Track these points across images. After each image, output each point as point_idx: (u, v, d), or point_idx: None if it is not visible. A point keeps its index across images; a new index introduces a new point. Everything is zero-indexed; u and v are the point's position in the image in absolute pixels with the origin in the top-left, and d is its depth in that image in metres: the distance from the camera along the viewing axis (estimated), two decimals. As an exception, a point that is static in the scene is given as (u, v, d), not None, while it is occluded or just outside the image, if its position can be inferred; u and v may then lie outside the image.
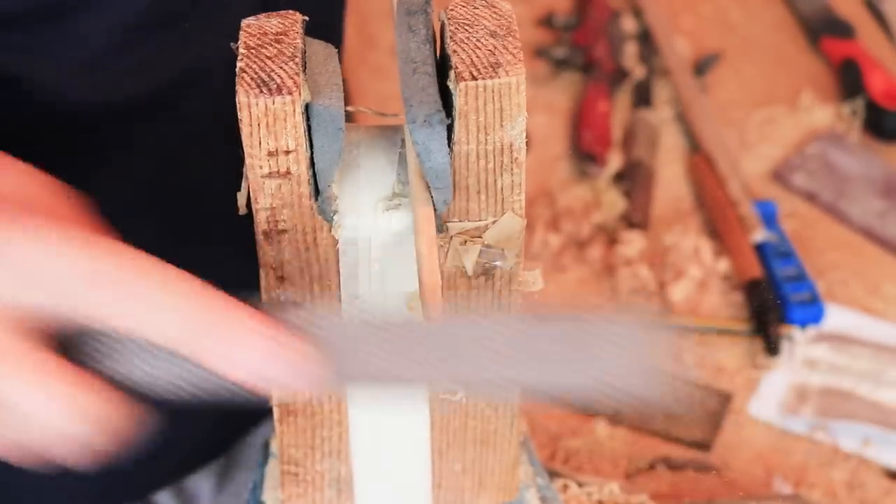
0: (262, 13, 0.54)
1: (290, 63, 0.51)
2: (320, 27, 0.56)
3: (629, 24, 1.25)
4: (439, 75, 0.52)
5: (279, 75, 0.51)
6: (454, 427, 0.63)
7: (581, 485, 0.84)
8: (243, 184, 0.53)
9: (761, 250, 1.04)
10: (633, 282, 1.02)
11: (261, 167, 0.52)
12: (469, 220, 0.54)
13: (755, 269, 1.02)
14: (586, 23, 1.24)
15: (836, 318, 1.00)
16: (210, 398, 0.50)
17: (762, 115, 1.18)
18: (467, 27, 0.52)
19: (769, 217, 1.06)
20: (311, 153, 0.52)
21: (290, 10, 0.54)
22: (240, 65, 0.51)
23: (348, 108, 0.53)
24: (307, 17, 0.54)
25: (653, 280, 1.02)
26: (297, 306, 0.49)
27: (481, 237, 0.55)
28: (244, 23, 0.53)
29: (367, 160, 0.55)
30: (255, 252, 0.56)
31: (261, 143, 0.51)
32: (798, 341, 0.98)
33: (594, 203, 1.09)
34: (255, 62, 0.51)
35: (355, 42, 1.22)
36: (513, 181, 0.53)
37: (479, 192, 0.53)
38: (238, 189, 0.54)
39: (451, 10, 0.53)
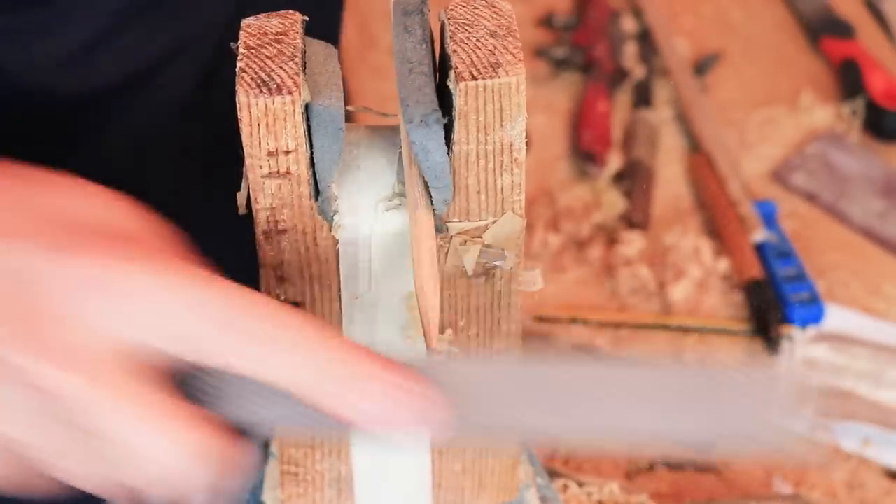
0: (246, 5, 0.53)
1: (290, 63, 0.51)
2: (316, 26, 0.56)
3: (629, 24, 1.25)
4: (439, 75, 0.52)
5: (279, 75, 0.51)
6: (454, 427, 0.63)
7: (581, 485, 0.84)
8: (243, 183, 0.53)
9: (761, 250, 1.04)
10: (633, 282, 1.02)
11: (261, 167, 0.52)
12: (469, 220, 0.54)
13: (755, 269, 1.02)
14: (586, 23, 1.24)
15: (836, 318, 0.99)
16: (314, 434, 0.47)
17: (762, 115, 1.18)
18: (467, 27, 0.52)
19: (769, 217, 1.06)
20: (311, 153, 0.52)
21: (290, 10, 0.54)
22: (240, 65, 0.51)
23: (348, 108, 0.53)
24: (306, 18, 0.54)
25: (653, 280, 1.02)
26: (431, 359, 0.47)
27: (481, 237, 0.55)
28: (244, 23, 0.53)
29: (367, 160, 0.55)
30: (239, 247, 0.55)
31: (261, 143, 0.51)
32: (798, 341, 0.98)
33: (594, 203, 1.09)
34: (254, 62, 0.51)
35: (355, 42, 1.22)
36: (513, 181, 0.53)
37: (479, 192, 0.53)
38: (214, 175, 0.53)
39: (451, 10, 0.53)
